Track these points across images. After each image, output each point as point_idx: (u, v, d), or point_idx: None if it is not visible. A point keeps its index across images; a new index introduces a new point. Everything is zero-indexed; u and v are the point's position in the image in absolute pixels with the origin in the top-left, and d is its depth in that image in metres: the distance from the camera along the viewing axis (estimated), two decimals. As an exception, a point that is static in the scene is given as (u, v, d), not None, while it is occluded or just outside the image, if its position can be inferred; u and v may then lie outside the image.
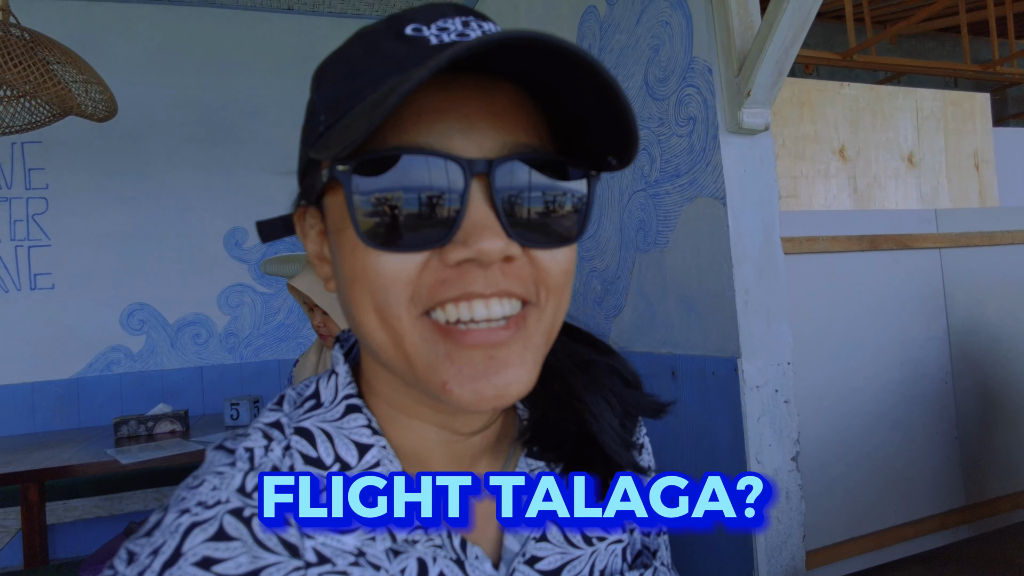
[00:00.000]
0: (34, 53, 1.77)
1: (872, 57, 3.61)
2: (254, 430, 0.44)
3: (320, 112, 0.41)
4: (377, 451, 0.43)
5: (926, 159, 1.92)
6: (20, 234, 2.93)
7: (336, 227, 0.40)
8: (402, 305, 0.37)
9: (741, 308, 1.44)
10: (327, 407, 0.45)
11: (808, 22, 1.31)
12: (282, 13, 3.32)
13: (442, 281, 0.36)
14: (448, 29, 0.40)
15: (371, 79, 0.39)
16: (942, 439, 1.73)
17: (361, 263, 0.38)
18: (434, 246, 0.36)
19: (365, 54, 0.40)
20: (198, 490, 0.40)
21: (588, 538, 0.49)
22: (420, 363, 0.38)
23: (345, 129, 0.35)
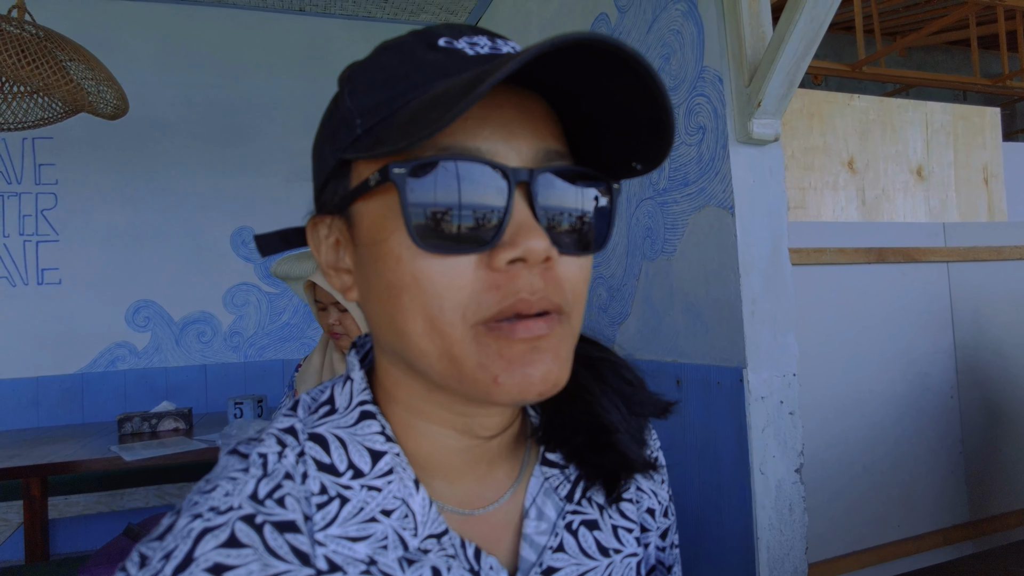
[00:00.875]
0: (47, 50, 1.78)
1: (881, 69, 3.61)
2: (268, 435, 0.44)
3: (355, 117, 0.41)
4: (390, 458, 0.43)
5: (935, 172, 1.92)
6: (29, 229, 2.94)
7: (373, 236, 0.40)
8: (456, 311, 0.38)
9: (747, 318, 1.44)
10: (341, 413, 0.45)
11: (820, 34, 1.31)
12: (293, 14, 3.34)
13: (495, 286, 0.38)
14: (477, 43, 0.41)
15: (413, 84, 0.40)
16: (947, 454, 1.72)
17: (409, 272, 0.38)
18: (483, 249, 0.37)
19: (401, 63, 0.41)
20: (211, 495, 0.40)
21: (604, 550, 0.49)
22: (470, 364, 0.38)
23: (411, 122, 0.35)
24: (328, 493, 0.41)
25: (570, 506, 0.49)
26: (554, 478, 0.49)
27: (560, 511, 0.48)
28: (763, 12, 1.46)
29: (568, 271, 0.40)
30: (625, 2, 1.87)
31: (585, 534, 0.48)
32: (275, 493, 0.40)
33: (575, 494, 0.50)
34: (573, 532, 0.48)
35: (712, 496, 1.54)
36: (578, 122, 0.42)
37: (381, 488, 0.42)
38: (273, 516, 0.39)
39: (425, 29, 0.43)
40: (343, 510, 0.41)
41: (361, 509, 0.41)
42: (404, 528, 0.42)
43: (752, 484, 1.41)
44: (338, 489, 0.42)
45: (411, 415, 0.44)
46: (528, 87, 0.40)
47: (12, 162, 2.94)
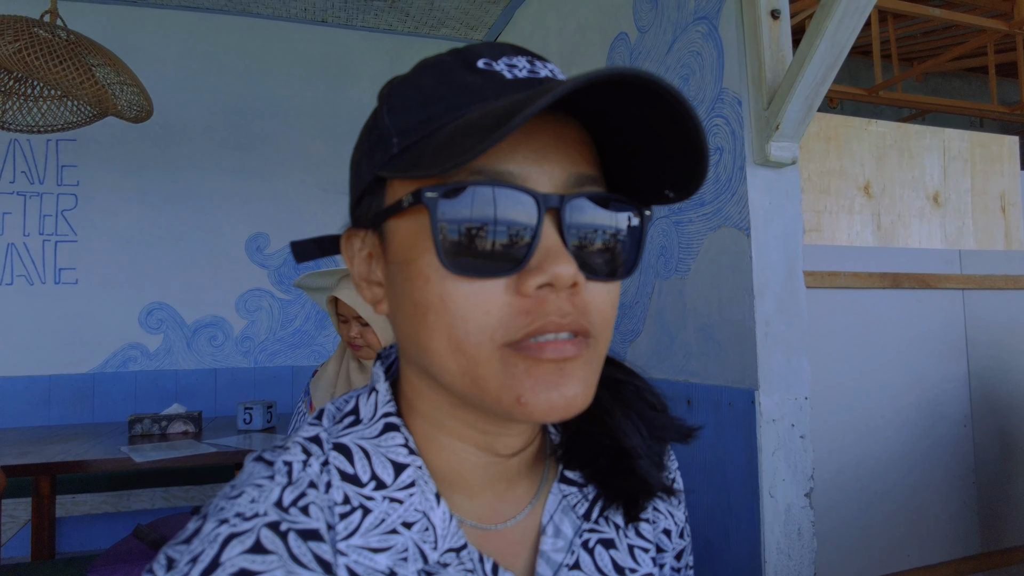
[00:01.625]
0: (77, 55, 1.82)
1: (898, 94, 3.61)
2: (294, 444, 0.45)
3: (392, 135, 0.41)
4: (413, 471, 0.44)
5: (951, 199, 1.91)
6: (48, 229, 2.99)
7: (406, 255, 0.41)
8: (483, 334, 0.38)
9: (761, 340, 1.44)
10: (366, 424, 0.46)
11: (840, 59, 1.32)
12: (316, 25, 3.39)
13: (524, 311, 0.38)
14: (516, 65, 0.42)
15: (449, 106, 0.40)
16: (959, 484, 1.70)
17: (438, 293, 0.38)
18: (511, 273, 0.38)
19: (439, 83, 0.41)
20: (237, 501, 0.40)
21: (620, 569, 0.49)
22: (494, 384, 0.39)
23: (446, 148, 0.36)
24: (351, 503, 0.42)
25: (587, 524, 0.49)
26: (572, 496, 0.50)
27: (577, 529, 0.49)
28: (783, 36, 1.48)
29: (596, 296, 0.40)
30: (646, 22, 1.89)
31: (601, 552, 0.49)
32: (300, 501, 0.41)
33: (592, 513, 0.50)
34: (589, 550, 0.48)
35: (720, 518, 1.53)
36: (613, 147, 0.43)
37: (403, 500, 0.43)
38: (297, 524, 0.39)
39: (466, 48, 0.43)
40: (365, 521, 0.42)
41: (383, 520, 0.42)
42: (424, 541, 0.42)
43: (761, 507, 1.40)
44: (361, 500, 0.42)
45: (433, 428, 0.45)
46: (564, 111, 0.41)
47: (35, 163, 2.99)
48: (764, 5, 1.45)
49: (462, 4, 3.17)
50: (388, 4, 3.18)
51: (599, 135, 0.43)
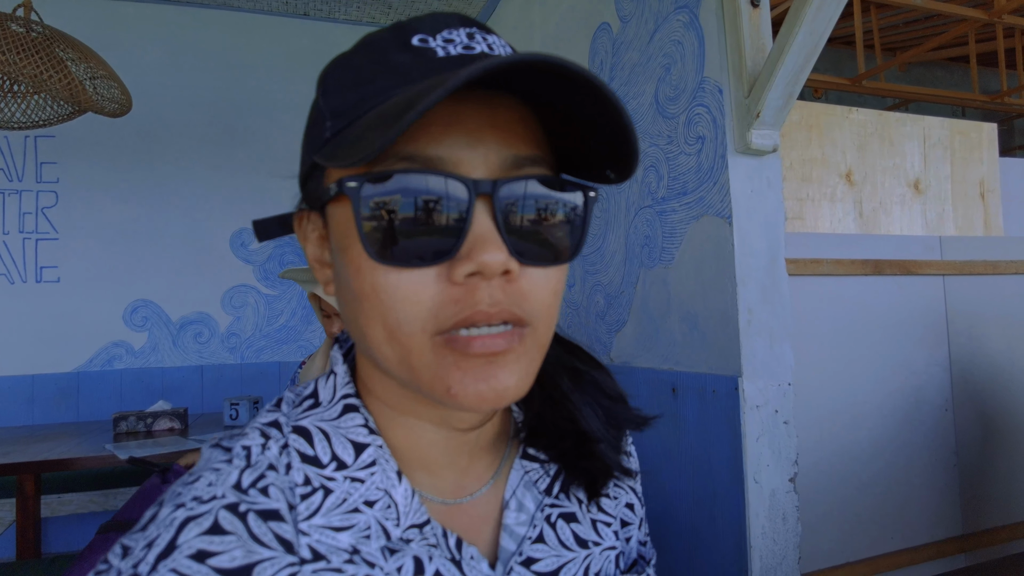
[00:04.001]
0: (50, 49, 1.79)
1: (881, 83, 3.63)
2: (252, 429, 0.44)
3: (326, 118, 0.41)
4: (373, 450, 0.44)
5: (932, 186, 1.93)
6: (29, 226, 2.95)
7: (341, 242, 0.40)
8: (414, 324, 0.38)
9: (744, 327, 1.44)
10: (325, 406, 0.45)
11: (819, 47, 1.32)
12: (298, 19, 3.36)
13: (454, 300, 0.37)
14: (454, 41, 0.40)
15: (378, 89, 0.39)
16: (941, 467, 1.73)
17: (370, 282, 0.38)
18: (440, 261, 0.37)
19: (371, 63, 0.40)
20: (194, 485, 0.40)
21: (583, 542, 0.50)
22: (426, 373, 0.39)
23: (357, 140, 0.35)
24: (312, 484, 0.42)
25: (549, 499, 0.50)
26: (534, 472, 0.50)
27: (539, 504, 0.49)
28: (763, 24, 1.48)
29: (534, 283, 0.39)
30: (627, 12, 1.89)
31: (563, 526, 0.49)
32: (259, 483, 0.40)
33: (554, 488, 0.51)
34: (552, 524, 0.49)
35: (706, 504, 1.54)
36: (556, 126, 0.42)
37: (364, 479, 0.43)
38: (257, 504, 0.39)
39: (407, 23, 0.42)
40: (327, 501, 0.42)
41: (344, 500, 0.42)
42: (387, 518, 0.42)
43: (746, 493, 1.41)
44: (322, 480, 0.42)
45: (390, 409, 0.45)
46: (504, 91, 0.39)
47: (14, 159, 2.95)
48: (744, -7, 1.46)
49: (445, -4, 3.15)
50: (371, -4, 3.15)
51: (541, 114, 0.42)
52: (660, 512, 1.71)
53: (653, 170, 1.76)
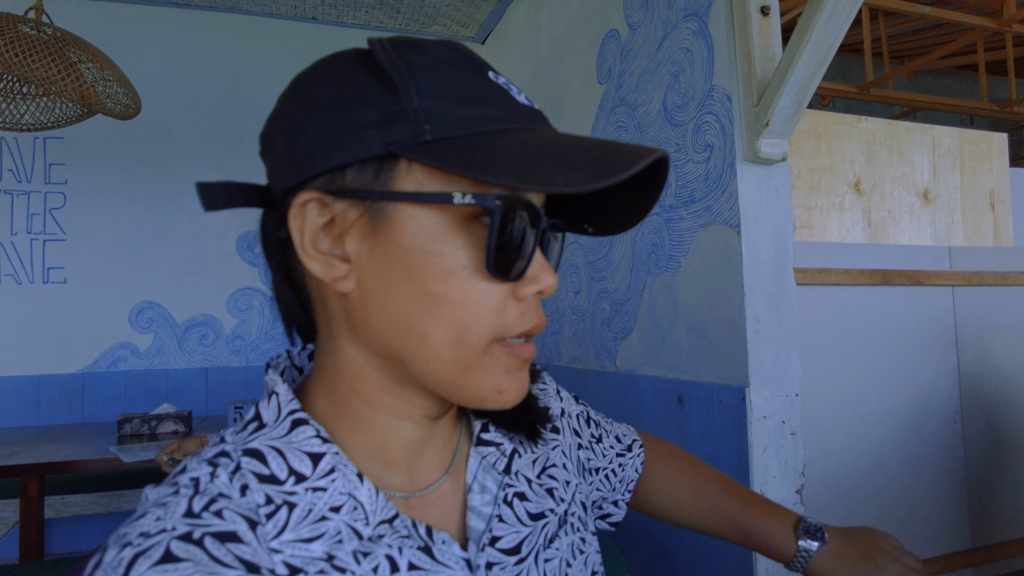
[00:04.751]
0: (62, 51, 1.80)
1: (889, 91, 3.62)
2: (198, 463, 0.43)
3: (422, 119, 0.40)
4: (330, 458, 0.44)
5: (941, 196, 1.92)
6: (37, 227, 2.96)
7: (420, 244, 0.41)
8: (486, 330, 0.42)
9: (751, 337, 1.44)
10: (272, 426, 0.45)
11: (830, 55, 1.32)
12: (306, 22, 3.37)
13: (520, 313, 0.44)
14: (512, 86, 0.45)
15: (486, 115, 0.41)
16: (950, 479, 1.71)
17: (460, 289, 0.41)
18: (517, 279, 0.43)
19: (466, 83, 0.42)
20: (140, 522, 0.38)
21: (536, 515, 0.54)
22: (478, 374, 0.43)
23: (524, 166, 0.38)
24: (274, 502, 0.41)
25: (507, 478, 0.53)
26: (491, 455, 0.53)
27: (500, 483, 0.52)
28: (773, 32, 1.47)
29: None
30: (636, 19, 1.88)
31: (517, 504, 0.53)
32: (211, 507, 0.39)
33: (512, 467, 0.54)
34: (508, 504, 0.52)
35: (712, 515, 1.53)
36: None
37: (326, 487, 0.43)
38: (212, 527, 0.38)
39: (468, 50, 0.45)
40: (292, 515, 0.41)
41: (310, 511, 0.42)
42: (355, 520, 0.43)
43: (752, 504, 1.40)
44: (283, 497, 0.42)
45: (371, 409, 0.46)
46: None
47: (23, 161, 2.96)
48: (754, 2, 1.45)
49: (453, 1, 3.15)
50: (379, 1, 3.16)
51: None
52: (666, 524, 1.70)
53: (661, 177, 1.75)
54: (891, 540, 0.67)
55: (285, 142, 0.44)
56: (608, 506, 0.73)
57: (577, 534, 0.58)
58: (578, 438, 0.67)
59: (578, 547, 0.57)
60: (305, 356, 0.54)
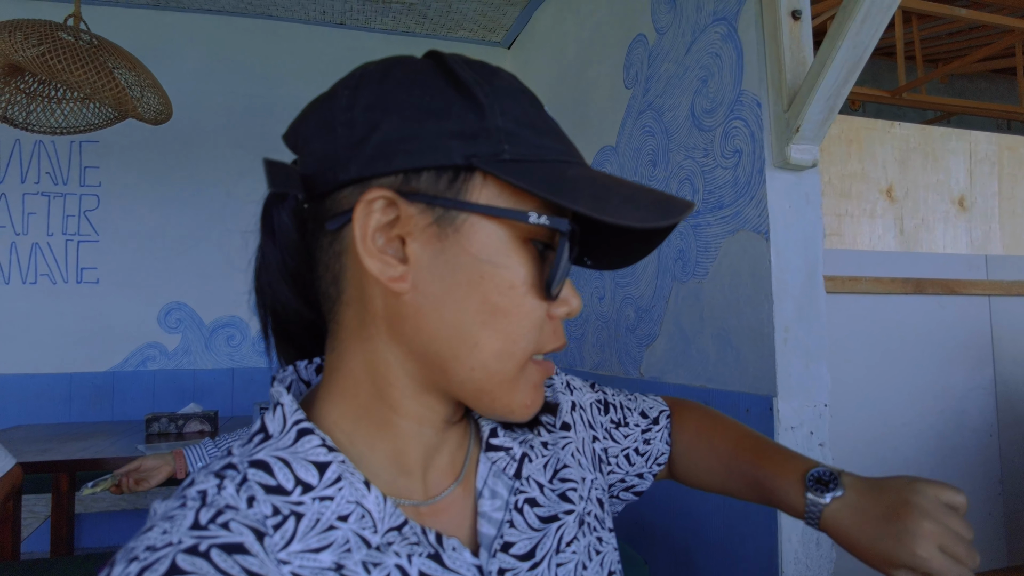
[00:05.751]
0: (99, 58, 1.84)
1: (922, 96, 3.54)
2: (204, 475, 0.43)
3: (502, 138, 0.42)
4: (336, 466, 0.43)
5: (978, 203, 1.87)
6: (71, 229, 3.03)
7: (488, 255, 0.43)
8: (530, 345, 0.45)
9: (780, 346, 1.41)
10: (277, 437, 0.44)
11: (863, 60, 1.29)
12: (334, 27, 3.41)
13: (553, 331, 0.47)
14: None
15: (551, 145, 0.44)
16: (984, 495, 1.66)
17: (517, 303, 0.43)
18: (554, 299, 0.45)
19: (538, 115, 0.45)
20: (146, 536, 0.38)
21: (547, 519, 0.53)
22: (512, 387, 0.45)
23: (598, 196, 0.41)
24: (281, 513, 0.41)
25: (518, 483, 0.52)
26: (500, 460, 0.53)
27: (511, 488, 0.52)
28: (804, 37, 1.45)
29: None
30: (664, 24, 1.87)
31: (528, 511, 0.52)
32: (218, 519, 0.39)
33: (523, 472, 0.53)
34: (519, 510, 0.51)
35: (737, 526, 1.50)
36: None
37: (333, 496, 0.42)
38: (219, 539, 0.38)
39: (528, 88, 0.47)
40: (300, 526, 0.41)
41: (317, 521, 0.42)
42: (363, 528, 0.42)
43: (779, 515, 1.38)
44: (290, 507, 0.41)
45: (395, 414, 0.46)
46: None
47: (59, 164, 3.04)
48: (785, 5, 1.43)
49: (480, 6, 3.17)
50: (406, 6, 3.19)
51: None
52: (689, 532, 1.68)
53: (688, 183, 1.74)
54: (929, 493, 0.52)
55: (349, 134, 0.43)
56: (632, 479, 0.69)
57: (594, 534, 0.57)
58: (592, 430, 0.65)
59: (594, 547, 0.56)
60: (312, 370, 0.53)
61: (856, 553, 0.54)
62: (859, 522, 0.54)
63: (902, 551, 0.50)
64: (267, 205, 0.49)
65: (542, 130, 0.44)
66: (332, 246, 0.46)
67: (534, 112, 0.45)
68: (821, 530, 0.56)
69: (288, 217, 0.48)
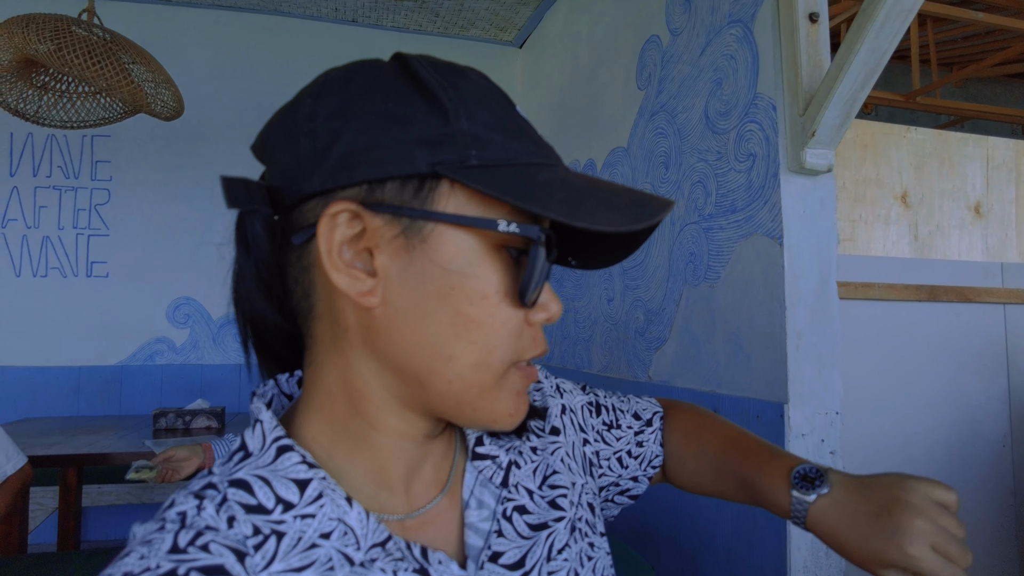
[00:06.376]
0: (112, 53, 1.84)
1: (937, 100, 3.51)
2: (184, 496, 0.42)
3: (469, 144, 0.40)
4: (317, 483, 0.42)
5: (994, 210, 1.85)
6: (82, 223, 3.04)
7: (458, 265, 0.41)
8: (508, 354, 0.43)
9: (792, 352, 1.40)
10: (257, 454, 0.44)
11: (881, 65, 1.27)
12: (346, 25, 3.41)
13: (532, 339, 0.45)
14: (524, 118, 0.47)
15: (522, 148, 0.43)
16: (997, 507, 1.64)
17: (491, 313, 0.42)
18: (532, 306, 0.44)
19: (508, 118, 0.43)
20: (124, 561, 0.37)
21: (538, 526, 0.51)
22: (494, 396, 0.44)
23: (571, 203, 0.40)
24: (262, 532, 0.40)
25: (505, 492, 0.51)
26: (487, 469, 0.52)
27: (498, 497, 0.51)
28: (821, 40, 1.44)
29: None
30: (678, 25, 1.86)
31: (517, 519, 0.51)
32: (197, 540, 0.38)
33: (509, 479, 0.52)
34: (508, 518, 0.50)
35: (744, 533, 1.49)
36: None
37: (315, 514, 0.42)
38: (199, 561, 0.37)
39: (496, 85, 0.46)
40: (281, 545, 0.40)
41: (299, 539, 0.41)
42: (346, 545, 0.42)
43: (788, 524, 1.36)
44: (271, 527, 0.41)
45: (372, 429, 0.45)
46: None
47: (71, 158, 3.05)
48: (802, 8, 1.41)
49: (492, 5, 3.16)
50: (418, 4, 3.18)
51: None
52: (697, 539, 1.67)
53: (700, 186, 1.72)
54: (921, 491, 0.50)
55: (312, 145, 0.42)
56: (626, 482, 0.67)
57: (586, 540, 0.56)
58: (583, 433, 0.63)
59: (586, 553, 0.55)
60: (295, 383, 0.52)
61: (844, 552, 0.51)
62: (847, 520, 0.51)
63: (893, 550, 0.48)
64: (241, 216, 0.47)
65: (513, 132, 0.42)
66: (300, 260, 0.45)
67: (504, 113, 0.43)
68: (808, 529, 0.54)
69: (261, 229, 0.46)
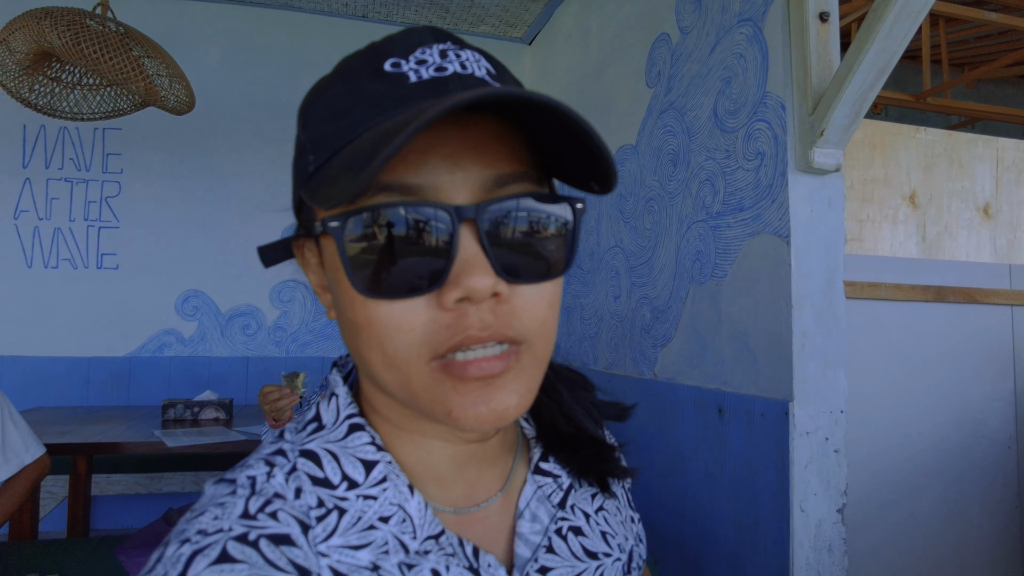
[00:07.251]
0: (126, 46, 1.86)
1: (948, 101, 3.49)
2: (256, 460, 0.44)
3: (308, 152, 0.41)
4: (383, 467, 0.44)
5: (1003, 211, 1.84)
6: (93, 215, 3.07)
7: (334, 275, 0.41)
8: (410, 351, 0.38)
9: (797, 351, 1.40)
10: (329, 428, 0.45)
11: (891, 64, 1.28)
12: (356, 20, 3.42)
13: (445, 326, 0.38)
14: (426, 62, 0.39)
15: (353, 121, 0.39)
16: (1002, 508, 1.64)
17: (363, 313, 0.39)
18: (430, 290, 0.37)
19: (347, 92, 0.40)
20: (199, 519, 0.39)
21: (592, 553, 0.51)
22: (426, 397, 0.39)
23: (334, 181, 0.36)
24: (326, 506, 0.42)
25: (561, 512, 0.51)
26: (547, 486, 0.51)
27: (552, 516, 0.50)
28: (831, 39, 1.44)
29: (527, 300, 0.39)
30: (688, 23, 1.86)
31: (572, 539, 0.50)
32: (267, 508, 0.40)
33: (567, 502, 0.52)
34: (563, 537, 0.50)
35: (748, 531, 1.50)
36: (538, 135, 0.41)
37: (377, 496, 0.43)
38: (268, 529, 0.39)
39: (379, 45, 0.41)
40: (342, 521, 0.42)
41: (359, 518, 0.42)
42: (403, 532, 0.42)
43: (791, 522, 1.37)
44: (335, 501, 0.42)
45: (395, 428, 0.46)
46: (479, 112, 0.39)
47: (83, 150, 3.08)
48: (812, 8, 1.42)
49: (502, 1, 3.16)
50: (428, 0, 3.19)
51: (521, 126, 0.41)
52: (700, 536, 1.67)
53: (708, 184, 1.73)
54: None
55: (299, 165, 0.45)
56: None
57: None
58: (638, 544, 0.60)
59: None
60: None
61: None
62: None
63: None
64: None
65: (345, 109, 0.39)
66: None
67: (342, 90, 0.40)
68: None
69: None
